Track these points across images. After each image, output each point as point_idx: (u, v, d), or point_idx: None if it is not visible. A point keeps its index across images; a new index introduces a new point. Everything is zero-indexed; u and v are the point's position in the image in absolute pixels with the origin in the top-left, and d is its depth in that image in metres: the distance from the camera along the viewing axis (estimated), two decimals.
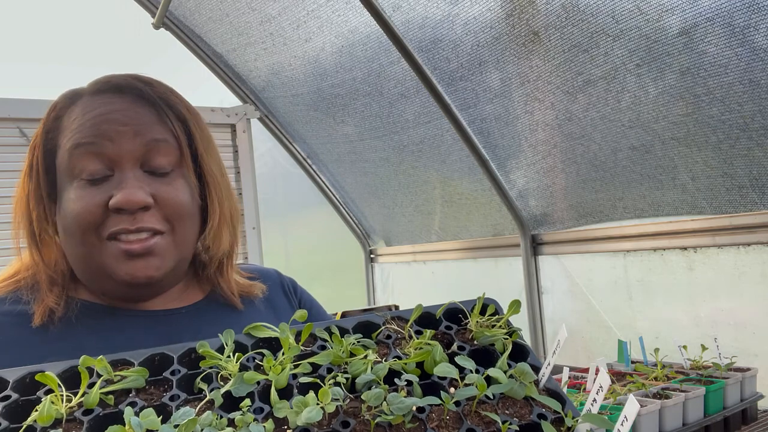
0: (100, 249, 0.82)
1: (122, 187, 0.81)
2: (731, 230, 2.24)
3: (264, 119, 3.74)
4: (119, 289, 0.86)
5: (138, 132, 0.84)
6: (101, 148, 0.82)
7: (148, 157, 0.85)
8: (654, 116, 2.24)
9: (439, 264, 3.60)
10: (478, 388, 0.64)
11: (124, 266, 0.82)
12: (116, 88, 0.87)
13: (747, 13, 1.82)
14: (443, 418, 0.63)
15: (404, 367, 0.68)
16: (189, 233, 0.89)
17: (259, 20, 3.05)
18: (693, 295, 2.38)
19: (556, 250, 2.94)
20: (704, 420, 1.78)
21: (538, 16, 2.28)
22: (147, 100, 0.87)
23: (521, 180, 2.90)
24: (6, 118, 3.08)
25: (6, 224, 3.73)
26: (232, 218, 0.95)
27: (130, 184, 0.81)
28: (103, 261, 0.83)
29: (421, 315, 0.79)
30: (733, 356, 2.00)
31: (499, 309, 0.81)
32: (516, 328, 0.78)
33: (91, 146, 0.83)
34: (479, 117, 2.80)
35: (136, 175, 0.83)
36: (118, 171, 0.83)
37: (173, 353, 0.69)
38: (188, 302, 0.94)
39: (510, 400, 0.66)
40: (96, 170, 0.83)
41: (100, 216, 0.82)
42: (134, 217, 0.82)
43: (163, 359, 0.70)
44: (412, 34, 2.64)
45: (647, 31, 2.05)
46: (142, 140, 0.84)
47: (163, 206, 0.84)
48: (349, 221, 4.12)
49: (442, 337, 0.77)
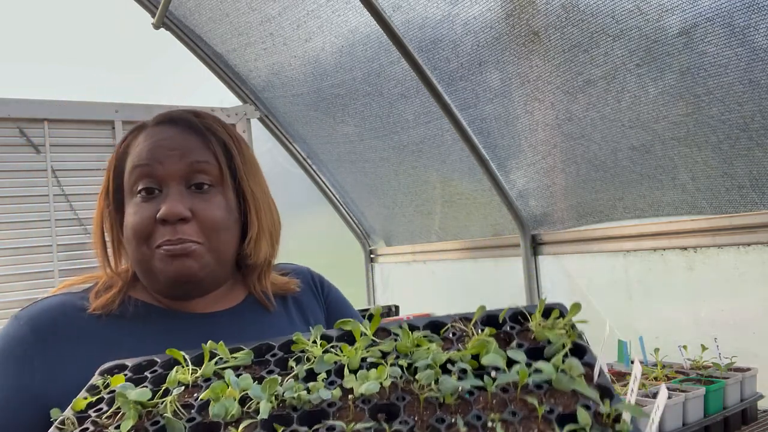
0: (151, 256, 0.98)
1: (166, 201, 0.97)
2: (731, 230, 2.24)
3: (264, 119, 3.74)
4: (168, 288, 1.00)
5: (183, 155, 1.00)
6: (153, 169, 0.99)
7: (190, 176, 1.00)
8: (654, 116, 2.24)
9: (439, 264, 3.60)
10: (520, 374, 0.69)
11: (170, 267, 0.97)
12: (172, 120, 1.05)
13: (747, 13, 1.82)
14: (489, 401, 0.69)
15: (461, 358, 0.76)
16: (225, 244, 1.03)
17: (259, 20, 3.06)
18: (693, 295, 2.38)
19: (556, 250, 2.94)
20: (704, 420, 1.78)
21: (538, 16, 2.28)
22: (195, 129, 1.04)
23: (521, 180, 2.90)
24: (6, 118, 3.08)
25: (6, 224, 3.71)
26: (271, 231, 1.11)
27: (173, 198, 0.98)
28: (153, 265, 0.98)
29: (487, 317, 0.89)
30: (733, 356, 2.00)
31: (564, 311, 0.86)
32: (578, 330, 0.83)
33: (146, 167, 1.00)
34: (479, 117, 2.80)
35: (180, 191, 0.99)
36: (165, 188, 0.99)
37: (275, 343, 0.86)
38: (229, 305, 1.09)
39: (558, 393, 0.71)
40: (148, 187, 0.99)
41: (150, 227, 0.98)
42: (175, 228, 0.97)
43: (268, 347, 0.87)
44: (412, 34, 2.64)
45: (647, 31, 2.05)
46: (186, 161, 1.00)
47: (200, 220, 0.99)
48: (349, 221, 4.12)
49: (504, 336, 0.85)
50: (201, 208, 0.99)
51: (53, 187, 3.16)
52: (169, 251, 0.96)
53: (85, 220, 3.20)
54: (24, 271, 3.08)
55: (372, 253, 4.16)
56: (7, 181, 3.07)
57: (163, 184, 0.99)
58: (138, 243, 0.99)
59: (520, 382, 0.69)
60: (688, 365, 2.06)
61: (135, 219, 0.99)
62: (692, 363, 2.07)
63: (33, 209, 3.12)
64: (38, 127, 3.16)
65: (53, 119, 3.18)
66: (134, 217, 0.99)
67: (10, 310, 3.03)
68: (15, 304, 3.05)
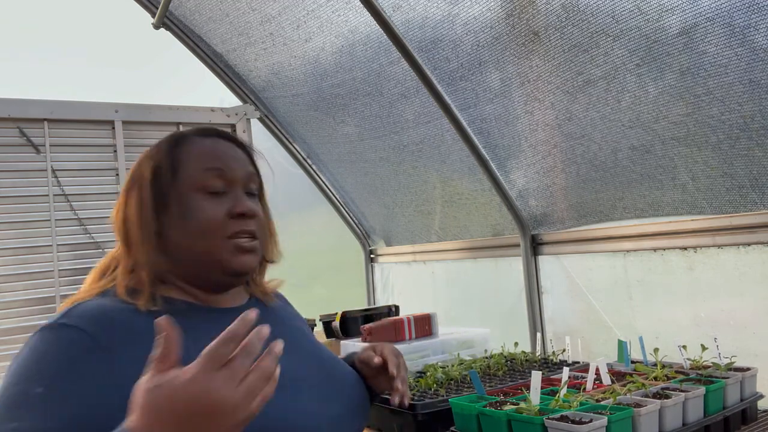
0: (221, 246, 1.08)
1: (242, 200, 1.12)
2: (731, 230, 2.24)
3: (264, 119, 3.74)
4: (224, 278, 1.11)
5: (243, 165, 1.17)
6: (225, 172, 1.12)
7: (247, 183, 1.16)
8: (654, 116, 2.24)
9: (439, 264, 3.60)
10: None
11: (238, 259, 1.09)
12: (217, 133, 1.18)
13: (747, 13, 1.82)
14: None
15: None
16: (264, 242, 1.18)
17: (259, 20, 3.06)
18: (693, 295, 2.38)
19: (556, 250, 2.94)
20: (704, 420, 1.78)
21: (538, 16, 2.28)
22: (239, 145, 1.20)
23: (521, 180, 2.91)
24: (6, 118, 3.08)
25: (6, 224, 3.70)
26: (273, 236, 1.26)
27: (245, 199, 1.13)
28: (221, 256, 1.08)
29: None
30: (733, 356, 2.00)
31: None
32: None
33: (219, 171, 1.12)
34: (479, 117, 2.80)
35: (243, 194, 1.14)
36: (231, 190, 1.12)
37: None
38: (241, 302, 1.20)
39: None
40: (219, 187, 1.11)
41: (223, 220, 1.09)
42: (247, 222, 1.11)
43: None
44: (412, 34, 2.64)
45: (647, 31, 2.05)
46: (246, 170, 1.16)
47: (257, 218, 1.14)
48: (349, 221, 4.12)
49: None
50: (257, 209, 1.14)
51: (53, 187, 3.16)
52: (244, 245, 1.09)
53: (86, 220, 3.20)
54: (24, 271, 3.08)
55: (372, 253, 4.16)
56: (7, 181, 3.07)
57: (229, 187, 1.12)
58: (207, 234, 1.08)
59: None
60: (688, 365, 2.06)
61: (207, 213, 1.09)
62: (692, 363, 2.07)
63: (33, 209, 3.12)
64: (38, 127, 3.16)
65: (53, 119, 3.18)
66: (205, 211, 1.09)
67: (10, 310, 3.03)
68: (15, 304, 3.05)
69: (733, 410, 1.86)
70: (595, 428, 1.51)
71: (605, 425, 1.54)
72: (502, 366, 2.37)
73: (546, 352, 2.70)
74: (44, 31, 3.53)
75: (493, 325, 2.95)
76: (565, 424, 1.53)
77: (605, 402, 1.69)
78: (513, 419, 1.65)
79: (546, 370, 2.34)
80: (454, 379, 2.22)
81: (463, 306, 3.41)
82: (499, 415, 1.69)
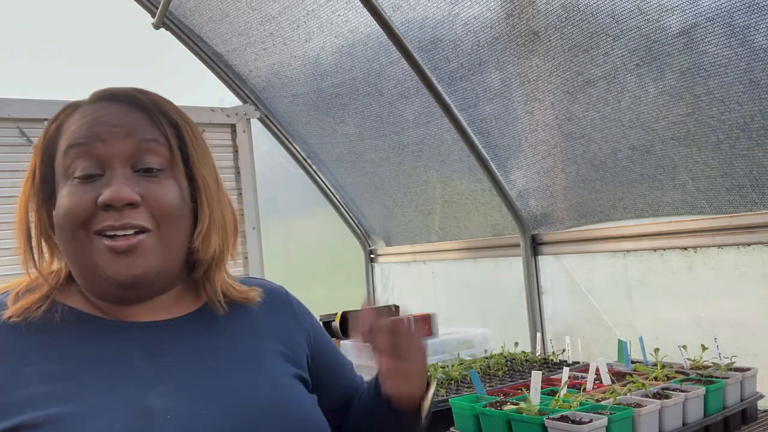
0: (89, 244, 0.85)
1: (110, 184, 0.84)
2: (731, 230, 2.24)
3: (264, 119, 3.74)
4: (109, 288, 0.87)
5: (129, 133, 0.87)
6: (93, 148, 0.86)
7: (138, 156, 0.87)
8: (654, 116, 2.24)
9: (439, 264, 3.60)
10: None
11: (110, 264, 0.84)
12: (112, 96, 0.92)
13: (747, 13, 1.82)
14: None
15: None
16: (176, 233, 0.89)
17: (259, 20, 3.06)
18: (693, 295, 2.38)
19: (556, 250, 2.94)
20: (704, 420, 1.78)
21: (538, 16, 2.28)
22: (140, 106, 0.91)
23: (521, 180, 2.91)
24: (6, 118, 3.08)
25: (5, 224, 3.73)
26: (223, 224, 0.96)
27: (119, 181, 0.85)
28: (92, 257, 0.85)
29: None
30: (733, 356, 2.00)
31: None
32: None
33: (84, 146, 0.86)
34: (479, 117, 2.80)
35: (125, 173, 0.86)
36: (108, 170, 0.86)
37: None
38: (178, 314, 0.95)
39: None
40: (88, 169, 0.86)
41: (89, 212, 0.84)
42: (121, 213, 0.84)
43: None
44: (412, 34, 2.64)
45: (647, 31, 2.05)
46: (133, 140, 0.87)
47: (151, 204, 0.86)
48: (349, 221, 4.11)
49: None
50: (152, 190, 0.86)
51: None
52: (113, 247, 0.83)
53: None
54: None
55: (372, 253, 4.16)
56: (7, 181, 3.07)
57: (105, 167, 0.86)
58: (73, 230, 0.85)
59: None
60: (688, 365, 2.06)
61: (70, 203, 0.85)
62: (692, 363, 2.07)
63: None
64: (38, 127, 3.15)
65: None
66: (68, 200, 0.85)
67: None
68: None
69: (733, 410, 1.86)
70: (595, 428, 1.51)
71: (605, 425, 1.54)
72: (502, 366, 2.37)
73: (546, 352, 2.70)
74: (44, 31, 3.53)
75: (493, 325, 2.95)
76: (565, 424, 1.53)
77: (605, 402, 1.69)
78: (513, 419, 1.65)
79: (546, 370, 2.34)
80: (454, 379, 2.22)
81: (463, 306, 3.41)
82: (498, 415, 1.69)
